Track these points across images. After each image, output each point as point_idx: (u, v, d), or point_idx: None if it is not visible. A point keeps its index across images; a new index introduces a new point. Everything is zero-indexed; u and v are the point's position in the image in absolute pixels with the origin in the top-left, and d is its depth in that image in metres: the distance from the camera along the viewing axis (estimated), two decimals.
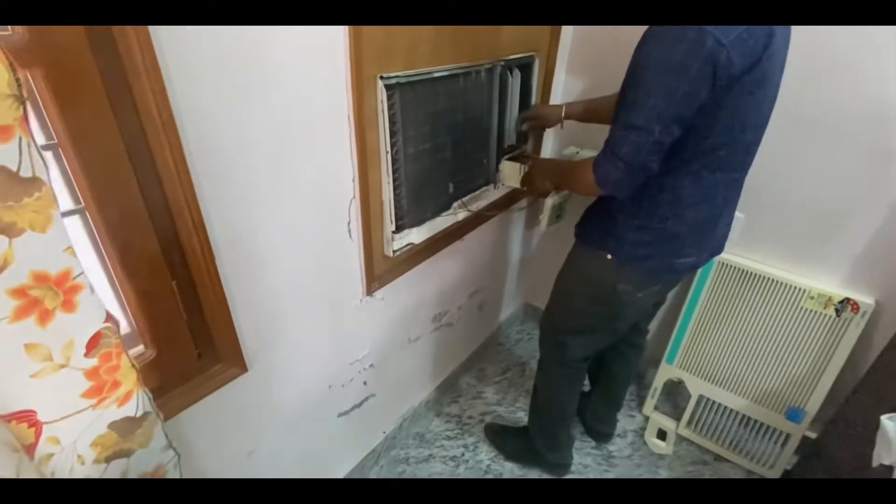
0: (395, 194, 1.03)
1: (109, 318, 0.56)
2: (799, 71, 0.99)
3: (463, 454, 1.49)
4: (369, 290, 1.10)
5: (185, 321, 0.75)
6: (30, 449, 0.55)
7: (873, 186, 1.15)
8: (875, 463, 0.83)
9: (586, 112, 1.24)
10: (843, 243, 1.23)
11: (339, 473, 1.30)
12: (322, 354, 1.06)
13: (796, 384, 1.34)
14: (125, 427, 0.63)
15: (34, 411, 0.52)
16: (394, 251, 1.09)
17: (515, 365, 1.85)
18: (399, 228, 1.09)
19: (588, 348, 1.22)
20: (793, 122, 1.16)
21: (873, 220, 1.18)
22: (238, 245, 0.76)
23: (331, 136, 0.85)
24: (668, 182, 0.88)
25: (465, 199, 1.28)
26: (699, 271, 1.39)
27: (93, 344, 0.54)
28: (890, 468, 0.78)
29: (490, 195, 1.37)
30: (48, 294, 0.48)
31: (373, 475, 1.41)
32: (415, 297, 1.30)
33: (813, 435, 1.40)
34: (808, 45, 1.05)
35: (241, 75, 0.66)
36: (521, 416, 1.62)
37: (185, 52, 0.59)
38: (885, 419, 0.82)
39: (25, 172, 0.42)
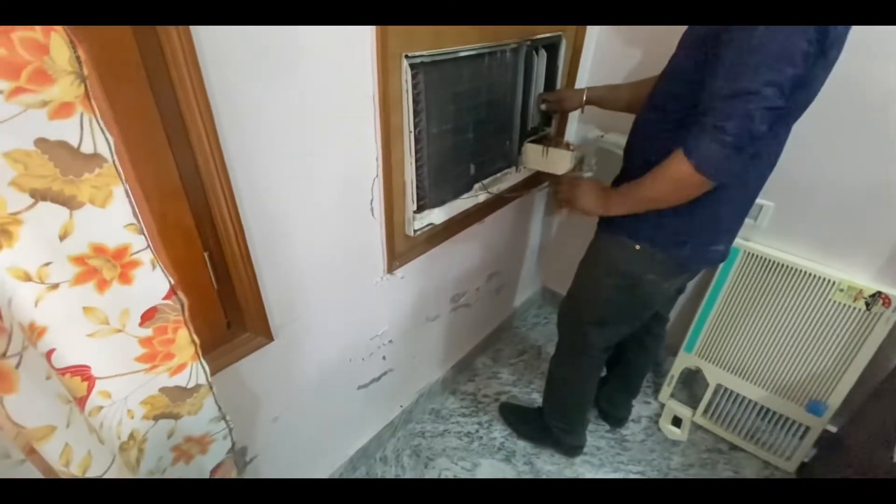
0: (417, 174, 1.04)
1: (172, 295, 0.59)
2: None
3: (477, 431, 1.53)
4: (390, 268, 1.12)
5: (215, 291, 0.80)
6: (81, 401, 0.60)
7: None
8: None
9: (609, 98, 1.20)
10: (878, 234, 1.19)
11: (358, 443, 1.36)
12: (343, 328, 1.10)
13: (820, 377, 1.31)
14: (176, 394, 0.67)
15: (88, 366, 0.57)
16: (415, 231, 1.11)
17: (532, 348, 1.87)
18: (420, 208, 1.11)
19: (610, 338, 1.22)
20: (827, 108, 1.10)
21: None
22: (266, 219, 0.79)
23: (356, 115, 0.87)
24: None
25: (486, 181, 1.29)
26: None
27: (148, 316, 0.58)
28: None
29: (511, 178, 1.37)
30: (106, 265, 0.51)
31: (390, 447, 1.46)
32: (434, 276, 1.32)
33: (834, 429, 1.38)
34: None
35: (270, 53, 0.68)
36: (536, 398, 1.65)
37: (219, 33, 0.61)
38: None
39: (86, 148, 0.45)
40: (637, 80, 1.15)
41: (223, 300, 0.81)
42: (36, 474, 0.58)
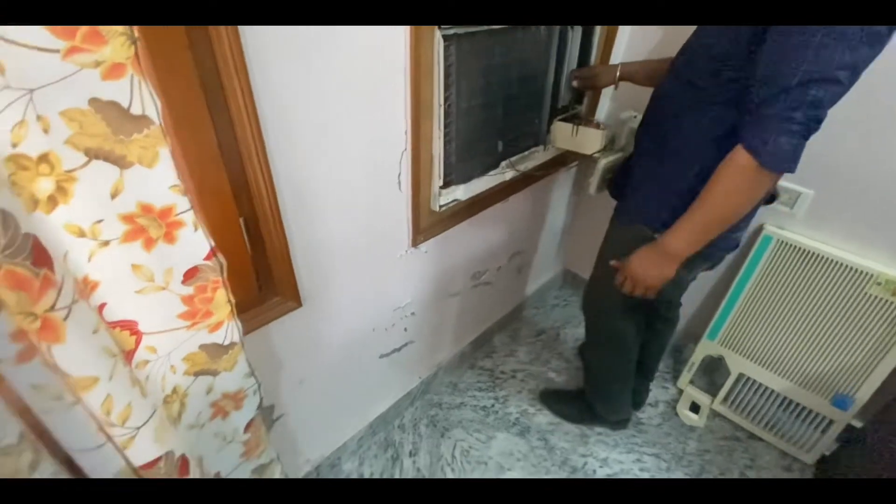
0: (444, 150, 1.04)
1: (212, 256, 0.62)
2: None
3: (493, 405, 1.56)
4: (415, 242, 1.14)
5: (249, 255, 0.83)
6: (128, 355, 0.64)
7: None
8: None
9: (644, 74, 1.15)
10: None
11: (378, 409, 1.41)
12: (368, 298, 1.12)
13: (848, 371, 1.28)
14: (213, 351, 0.71)
15: (136, 321, 0.60)
16: (440, 206, 1.11)
17: (550, 328, 1.88)
18: (446, 184, 1.11)
19: (639, 324, 1.22)
20: (876, 93, 1.04)
21: None
22: (298, 188, 0.81)
23: (388, 87, 0.87)
24: None
25: (513, 158, 1.28)
26: (754, 248, 1.33)
27: (190, 275, 0.60)
28: None
29: (539, 156, 1.35)
30: (152, 224, 0.54)
31: (408, 415, 1.51)
32: (457, 253, 1.34)
33: (858, 424, 1.35)
34: None
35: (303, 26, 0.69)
36: (553, 377, 1.67)
37: None
38: None
39: (136, 110, 0.46)
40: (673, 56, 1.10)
41: (256, 264, 0.84)
42: (85, 418, 0.62)
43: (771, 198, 1.04)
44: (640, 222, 0.98)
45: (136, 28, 0.44)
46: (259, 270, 0.86)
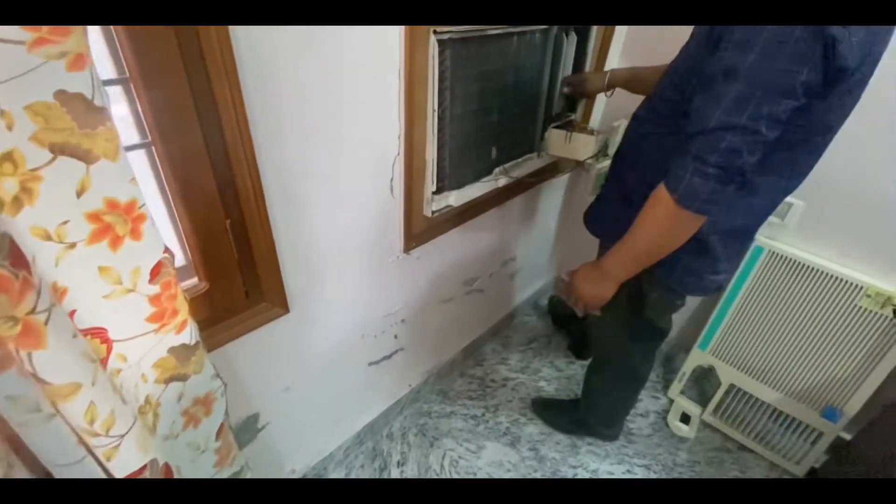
0: (437, 155, 1.02)
1: (166, 248, 0.60)
2: None
3: (483, 414, 1.53)
4: (407, 248, 1.12)
5: (235, 259, 0.80)
6: (102, 363, 0.60)
7: None
8: None
9: (631, 81, 1.15)
10: None
11: (366, 418, 1.37)
12: (358, 304, 1.10)
13: (838, 383, 1.28)
14: (182, 353, 0.68)
15: (105, 329, 0.57)
16: (432, 212, 1.09)
17: (541, 336, 1.86)
18: (439, 190, 1.09)
19: (654, 356, 1.21)
20: (869, 107, 1.04)
21: None
22: (287, 191, 0.79)
23: (381, 90, 0.85)
24: None
25: (506, 165, 1.26)
26: (745, 258, 1.33)
27: (155, 272, 0.58)
28: None
29: (532, 164, 1.34)
30: (119, 221, 0.51)
31: (396, 424, 1.48)
32: (449, 259, 1.31)
33: (848, 436, 1.35)
34: None
35: (297, 25, 0.66)
36: (544, 385, 1.65)
37: None
38: None
39: (98, 101, 0.44)
40: (663, 64, 1.09)
41: (242, 269, 0.81)
42: (64, 430, 0.59)
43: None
44: (607, 240, 0.96)
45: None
46: (246, 275, 0.83)
